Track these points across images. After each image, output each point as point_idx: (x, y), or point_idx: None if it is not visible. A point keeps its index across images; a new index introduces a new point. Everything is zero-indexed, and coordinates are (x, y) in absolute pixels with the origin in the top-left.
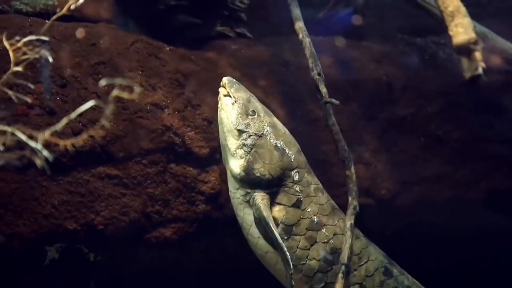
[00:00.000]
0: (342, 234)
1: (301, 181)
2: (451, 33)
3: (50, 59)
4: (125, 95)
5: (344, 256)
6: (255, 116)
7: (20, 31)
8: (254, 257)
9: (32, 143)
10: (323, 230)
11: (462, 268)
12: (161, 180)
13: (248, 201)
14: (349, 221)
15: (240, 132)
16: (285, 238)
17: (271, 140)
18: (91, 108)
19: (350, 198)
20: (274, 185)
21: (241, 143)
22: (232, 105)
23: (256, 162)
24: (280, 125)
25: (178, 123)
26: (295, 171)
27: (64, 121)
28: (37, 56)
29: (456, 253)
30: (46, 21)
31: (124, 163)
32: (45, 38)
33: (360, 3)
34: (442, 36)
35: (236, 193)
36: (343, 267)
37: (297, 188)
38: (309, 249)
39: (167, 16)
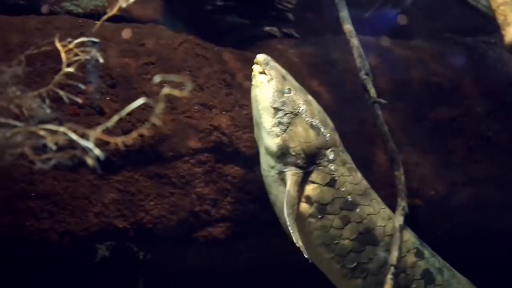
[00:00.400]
0: (376, 214)
1: (336, 160)
2: (503, 32)
3: (101, 60)
4: (176, 92)
5: (393, 257)
6: (291, 94)
7: (71, 32)
8: (299, 256)
9: (83, 142)
10: (357, 210)
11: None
12: (209, 179)
13: (282, 179)
14: (398, 222)
15: (276, 110)
16: (319, 217)
17: (307, 118)
18: (140, 107)
19: (399, 199)
20: (309, 164)
21: (277, 121)
22: (268, 83)
23: (291, 141)
24: (315, 103)
25: (226, 123)
26: (330, 150)
27: (115, 118)
28: (88, 57)
29: (506, 255)
30: (96, 21)
31: (172, 162)
32: (96, 40)
33: (408, 3)
34: (492, 35)
35: (270, 171)
36: (392, 268)
37: (332, 167)
38: (342, 228)
39: (214, 17)
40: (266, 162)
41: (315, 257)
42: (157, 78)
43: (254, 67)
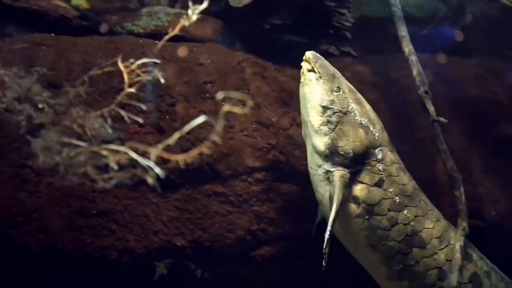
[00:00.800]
0: (423, 216)
1: (384, 160)
2: None
3: (162, 81)
4: (237, 110)
5: (454, 279)
6: (340, 92)
7: (132, 52)
8: (357, 272)
9: (144, 161)
10: (405, 212)
11: None
12: (267, 198)
13: (329, 178)
14: (459, 242)
15: (325, 108)
16: (366, 217)
17: (356, 117)
18: (199, 126)
19: (459, 219)
20: (357, 163)
21: (325, 120)
22: (317, 81)
23: (340, 140)
24: (364, 101)
25: (283, 142)
26: (378, 149)
27: (176, 135)
28: (149, 78)
29: None
30: (157, 41)
31: (230, 181)
32: (157, 60)
33: (468, 20)
34: None
35: (318, 170)
36: None
37: (380, 167)
38: (389, 230)
39: (272, 35)
40: (314, 161)
41: (361, 258)
42: (219, 95)
43: (303, 64)
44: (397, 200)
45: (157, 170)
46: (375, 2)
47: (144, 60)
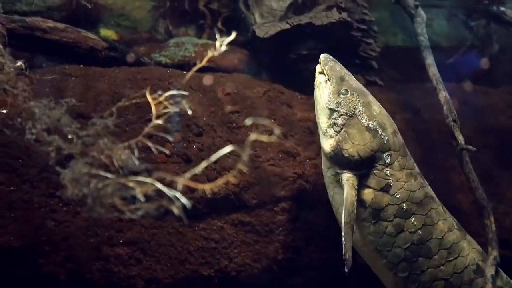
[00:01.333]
0: (432, 225)
1: (393, 165)
2: None
3: (189, 112)
4: (264, 138)
5: None
6: (348, 95)
7: (160, 82)
8: None
9: (170, 193)
10: (412, 219)
11: None
12: (293, 227)
13: (338, 181)
14: (490, 271)
15: (332, 111)
16: (372, 222)
17: (363, 121)
18: (225, 155)
19: (490, 248)
20: (363, 167)
21: (331, 122)
22: (325, 83)
23: (345, 143)
24: (376, 105)
25: (310, 171)
26: (387, 153)
27: (203, 164)
28: (177, 109)
29: None
30: (184, 72)
31: (256, 210)
32: (185, 92)
33: (495, 49)
34: None
35: (327, 172)
36: None
37: (388, 172)
38: (395, 236)
39: (298, 65)
40: (324, 163)
41: (370, 262)
42: (248, 121)
43: (317, 66)
44: (404, 207)
45: (183, 200)
46: (401, 31)
47: (172, 92)
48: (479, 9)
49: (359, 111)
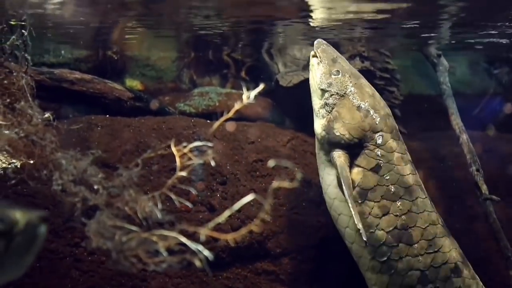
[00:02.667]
0: (417, 214)
1: (384, 146)
2: None
3: (213, 164)
4: (286, 184)
5: None
6: (339, 76)
7: (184, 131)
8: None
9: (193, 246)
10: (398, 203)
11: None
12: (317, 276)
13: (329, 161)
14: None
15: (323, 91)
16: (359, 202)
17: (354, 101)
18: (249, 204)
19: None
20: (354, 146)
21: (323, 103)
22: (318, 65)
23: (336, 122)
24: (368, 87)
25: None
26: (379, 134)
27: (226, 214)
28: (201, 161)
29: None
30: (208, 121)
31: (280, 259)
32: (209, 144)
33: None
34: None
35: (319, 153)
36: None
37: (379, 152)
38: (380, 218)
39: None
40: (317, 144)
41: (350, 243)
42: (271, 163)
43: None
44: (392, 190)
45: (206, 253)
46: (424, 80)
47: (196, 144)
48: (502, 57)
49: (351, 91)
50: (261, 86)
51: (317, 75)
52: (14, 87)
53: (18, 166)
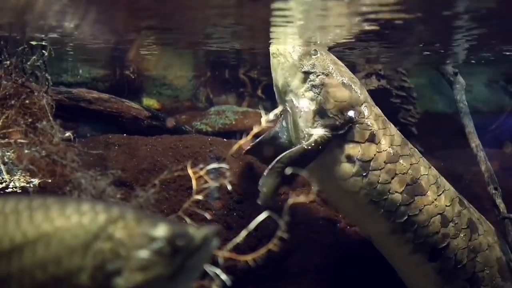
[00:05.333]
0: (417, 163)
1: (370, 115)
2: None
3: (229, 187)
4: (302, 199)
5: None
6: (318, 54)
7: (201, 150)
8: None
9: (210, 269)
10: (401, 161)
11: None
12: None
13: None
14: None
15: (307, 73)
16: (364, 174)
17: (338, 77)
18: (266, 222)
19: None
20: (346, 123)
21: (309, 85)
22: (293, 48)
23: (327, 102)
24: (339, 62)
25: (350, 238)
26: (363, 105)
27: (243, 233)
28: (217, 184)
29: None
30: (224, 139)
31: (298, 278)
32: (226, 166)
33: None
34: None
35: (304, 139)
36: None
37: (369, 122)
38: (390, 182)
39: None
40: (298, 133)
41: (361, 217)
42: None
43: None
44: (391, 152)
45: (223, 277)
46: (440, 98)
47: (212, 166)
48: None
49: (332, 68)
50: (280, 108)
51: (294, 58)
52: (35, 106)
53: (37, 185)
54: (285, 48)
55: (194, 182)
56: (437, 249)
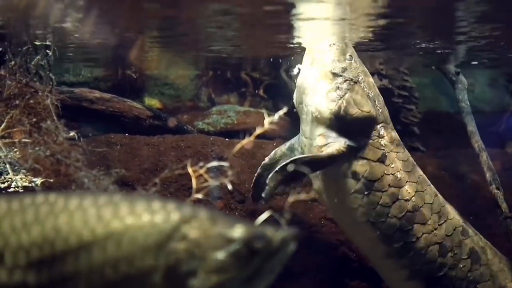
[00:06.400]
0: (423, 191)
1: (385, 136)
2: None
3: (230, 187)
4: (303, 196)
5: None
6: (352, 61)
7: (203, 150)
8: None
9: None
10: (406, 187)
11: None
12: None
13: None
14: None
15: (335, 75)
16: (366, 193)
17: (365, 89)
18: (268, 222)
19: None
20: (362, 135)
21: (334, 87)
22: (330, 47)
23: (351, 107)
24: (370, 75)
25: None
26: (381, 125)
27: None
28: (217, 183)
29: None
30: (226, 139)
31: (299, 278)
32: (225, 164)
33: None
34: None
35: (316, 140)
36: None
37: (382, 142)
38: (390, 206)
39: None
40: (312, 130)
41: (358, 236)
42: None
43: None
44: (398, 176)
45: None
46: (442, 97)
47: (213, 164)
48: None
49: (362, 78)
50: (285, 109)
51: (328, 57)
52: (39, 106)
53: (39, 185)
54: (322, 46)
55: (194, 181)
56: (434, 277)
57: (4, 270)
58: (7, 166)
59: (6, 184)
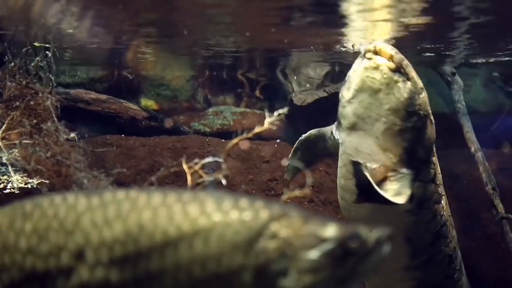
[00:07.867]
0: (447, 205)
1: (435, 153)
2: None
3: (224, 182)
4: (297, 193)
5: None
6: (423, 93)
7: (199, 150)
8: None
9: None
10: (442, 202)
11: None
12: None
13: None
14: None
15: (411, 113)
16: (415, 213)
17: (431, 117)
18: None
19: None
20: (424, 163)
21: (409, 126)
22: (404, 83)
23: (419, 143)
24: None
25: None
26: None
27: None
28: (211, 179)
29: None
30: (222, 140)
31: None
32: (220, 159)
33: None
34: None
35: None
36: None
37: (434, 160)
38: (430, 222)
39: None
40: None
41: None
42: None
43: (378, 59)
44: (440, 191)
45: None
46: (438, 98)
47: (207, 160)
48: None
49: (429, 107)
50: (285, 109)
51: (403, 95)
52: (39, 107)
53: (35, 186)
54: (397, 79)
55: (189, 178)
56: (436, 286)
57: (85, 267)
58: (9, 167)
59: (1, 186)
